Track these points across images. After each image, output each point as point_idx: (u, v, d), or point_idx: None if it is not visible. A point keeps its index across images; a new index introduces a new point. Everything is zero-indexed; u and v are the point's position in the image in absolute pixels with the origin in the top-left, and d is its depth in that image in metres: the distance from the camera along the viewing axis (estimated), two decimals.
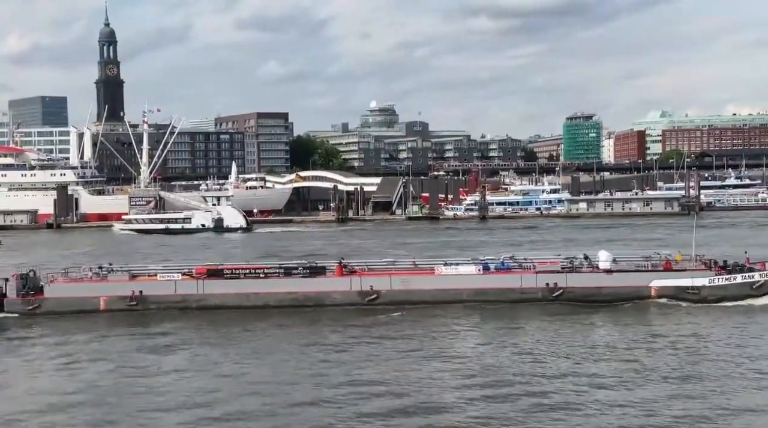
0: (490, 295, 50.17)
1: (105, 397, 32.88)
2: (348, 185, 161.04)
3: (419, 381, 33.48)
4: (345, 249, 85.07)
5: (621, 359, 36.53)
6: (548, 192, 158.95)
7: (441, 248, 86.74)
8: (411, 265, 54.90)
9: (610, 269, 50.96)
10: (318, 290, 51.34)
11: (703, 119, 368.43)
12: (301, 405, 30.87)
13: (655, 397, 30.72)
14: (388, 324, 45.64)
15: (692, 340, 40.36)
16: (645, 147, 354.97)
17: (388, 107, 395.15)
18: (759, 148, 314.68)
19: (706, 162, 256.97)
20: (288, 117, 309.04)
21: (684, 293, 49.45)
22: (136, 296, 51.01)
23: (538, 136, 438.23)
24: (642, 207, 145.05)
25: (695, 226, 57.75)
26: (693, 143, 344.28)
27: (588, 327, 44.39)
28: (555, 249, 75.78)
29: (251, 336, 44.00)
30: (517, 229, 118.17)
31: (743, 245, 65.89)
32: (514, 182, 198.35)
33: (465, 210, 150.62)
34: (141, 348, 41.74)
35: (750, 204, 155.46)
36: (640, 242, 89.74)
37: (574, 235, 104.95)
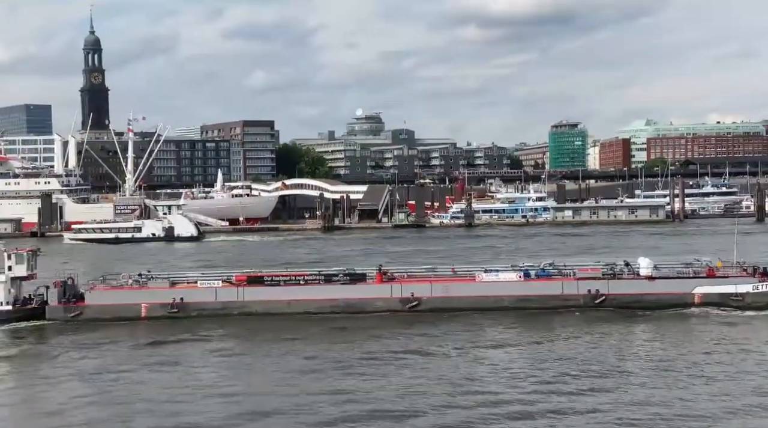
0: (532, 302, 50.15)
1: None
2: (334, 193, 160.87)
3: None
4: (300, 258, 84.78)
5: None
6: (534, 200, 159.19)
7: (426, 255, 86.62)
8: (450, 272, 54.73)
9: (652, 276, 50.90)
10: (359, 297, 51.39)
11: (687, 127, 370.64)
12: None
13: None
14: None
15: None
16: (630, 155, 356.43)
17: (374, 115, 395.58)
18: (742, 156, 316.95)
19: (691, 170, 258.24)
20: (274, 125, 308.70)
21: (728, 300, 49.32)
22: (177, 303, 51.11)
23: (524, 144, 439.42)
24: (627, 215, 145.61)
25: (736, 233, 57.21)
26: (677, 151, 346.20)
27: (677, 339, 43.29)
28: (543, 257, 75.90)
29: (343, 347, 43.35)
30: (503, 237, 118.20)
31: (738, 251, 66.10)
32: (500, 190, 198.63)
33: (451, 218, 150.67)
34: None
35: (734, 212, 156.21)
36: (631, 249, 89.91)
37: (559, 242, 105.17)
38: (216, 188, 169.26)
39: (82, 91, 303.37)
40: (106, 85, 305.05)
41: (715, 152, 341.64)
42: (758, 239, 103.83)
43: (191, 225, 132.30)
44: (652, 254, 75.75)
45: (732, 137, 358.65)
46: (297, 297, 51.39)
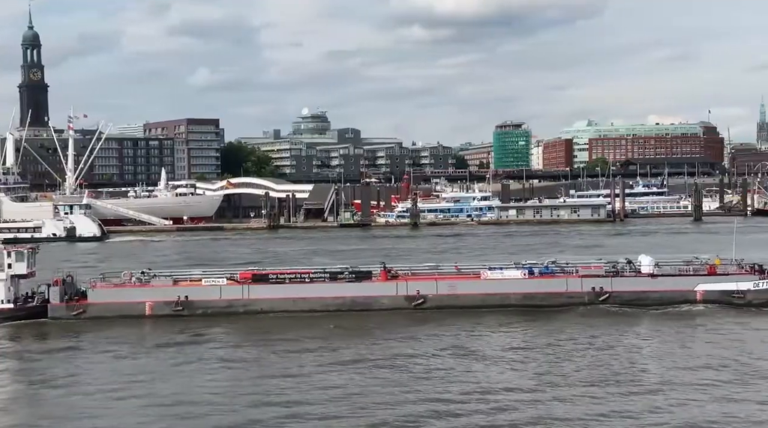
0: (537, 299, 50.54)
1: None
2: (280, 192, 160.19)
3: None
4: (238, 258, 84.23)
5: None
6: (479, 199, 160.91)
7: (372, 254, 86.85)
8: (454, 270, 54.82)
9: (655, 274, 51.49)
10: (365, 295, 51.33)
11: (628, 128, 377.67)
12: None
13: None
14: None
15: None
16: (572, 155, 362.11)
17: (320, 114, 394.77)
18: (680, 156, 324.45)
19: (631, 170, 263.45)
20: (219, 124, 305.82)
21: (729, 298, 50.00)
22: (182, 301, 50.70)
23: (469, 144, 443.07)
24: (570, 214, 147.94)
25: (735, 231, 57.61)
26: (618, 152, 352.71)
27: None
28: (489, 257, 76.76)
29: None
30: (448, 236, 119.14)
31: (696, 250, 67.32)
32: (445, 190, 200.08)
33: (397, 217, 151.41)
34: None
35: (672, 211, 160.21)
36: (575, 248, 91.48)
37: (503, 241, 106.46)
38: (159, 187, 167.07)
39: (21, 88, 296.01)
40: (45, 81, 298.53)
41: (655, 152, 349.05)
42: (696, 238, 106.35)
43: (94, 225, 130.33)
44: (595, 252, 77.60)
45: (670, 138, 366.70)
46: (302, 295, 51.26)
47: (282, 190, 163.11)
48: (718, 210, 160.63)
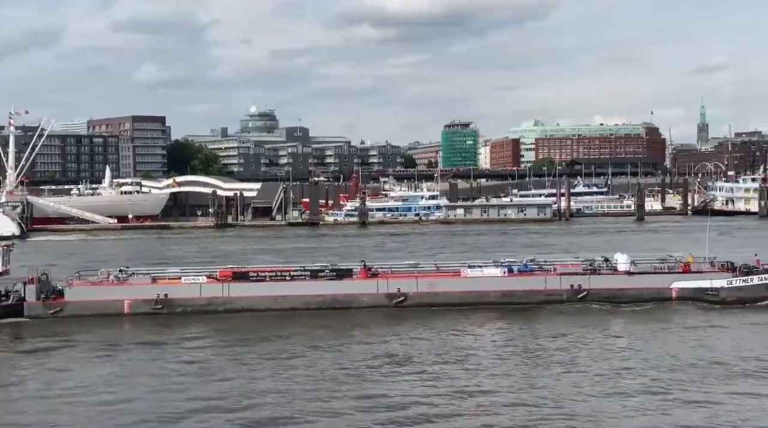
0: (517, 297, 50.75)
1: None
2: (227, 191, 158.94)
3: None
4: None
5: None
6: (427, 198, 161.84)
7: (321, 253, 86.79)
8: (433, 268, 54.84)
9: (631, 271, 52.01)
10: (346, 293, 51.12)
11: (573, 128, 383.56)
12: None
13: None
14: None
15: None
16: (519, 155, 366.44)
17: (268, 112, 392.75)
18: (624, 157, 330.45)
19: (576, 170, 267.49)
20: (165, 121, 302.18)
21: (704, 295, 50.59)
22: (161, 299, 50.02)
23: (418, 143, 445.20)
24: (516, 213, 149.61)
25: (708, 229, 58.50)
26: (564, 152, 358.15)
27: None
28: (438, 255, 77.16)
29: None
30: (396, 235, 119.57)
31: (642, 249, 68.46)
32: (393, 189, 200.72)
33: (345, 216, 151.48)
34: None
35: (616, 211, 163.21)
36: (523, 247, 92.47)
37: (451, 241, 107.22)
38: (104, 185, 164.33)
39: None
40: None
41: (599, 152, 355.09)
42: (642, 237, 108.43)
43: (12, 223, 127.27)
44: (542, 251, 78.64)
45: (614, 139, 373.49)
46: (283, 293, 50.89)
47: (230, 188, 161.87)
48: (673, 208, 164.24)
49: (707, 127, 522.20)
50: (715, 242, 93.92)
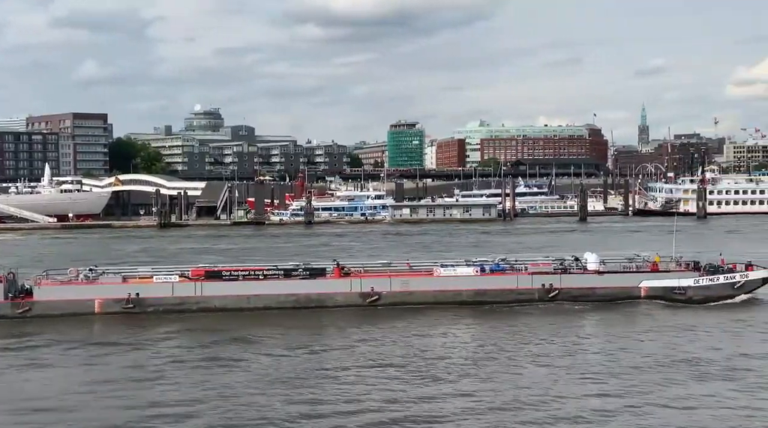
0: (489, 296, 51.03)
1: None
2: (171, 190, 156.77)
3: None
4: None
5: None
6: (373, 198, 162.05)
7: (265, 253, 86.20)
8: (406, 267, 54.92)
9: (601, 271, 52.56)
10: (320, 292, 50.95)
11: (518, 129, 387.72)
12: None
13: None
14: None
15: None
16: (465, 155, 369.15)
17: (213, 110, 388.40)
18: (567, 157, 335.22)
19: (521, 170, 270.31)
20: (107, 118, 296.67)
21: (672, 294, 51.41)
22: (133, 298, 49.38)
23: (364, 143, 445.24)
24: (462, 213, 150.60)
25: (675, 230, 59.07)
26: (509, 152, 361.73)
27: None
28: (385, 255, 77.20)
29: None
30: (341, 235, 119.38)
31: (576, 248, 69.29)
32: (339, 188, 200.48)
33: (291, 215, 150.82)
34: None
35: (560, 211, 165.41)
36: (469, 247, 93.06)
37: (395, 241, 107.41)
38: (43, 183, 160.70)
39: None
40: None
41: (543, 153, 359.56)
42: (585, 237, 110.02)
43: None
44: (485, 251, 79.27)
45: (558, 140, 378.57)
46: (257, 292, 50.61)
47: (173, 187, 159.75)
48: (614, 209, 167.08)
49: (648, 129, 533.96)
50: (655, 241, 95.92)
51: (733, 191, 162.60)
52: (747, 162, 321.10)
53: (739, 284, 51.77)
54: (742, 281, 51.86)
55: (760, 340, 41.33)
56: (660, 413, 29.33)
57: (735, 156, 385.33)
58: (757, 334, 43.06)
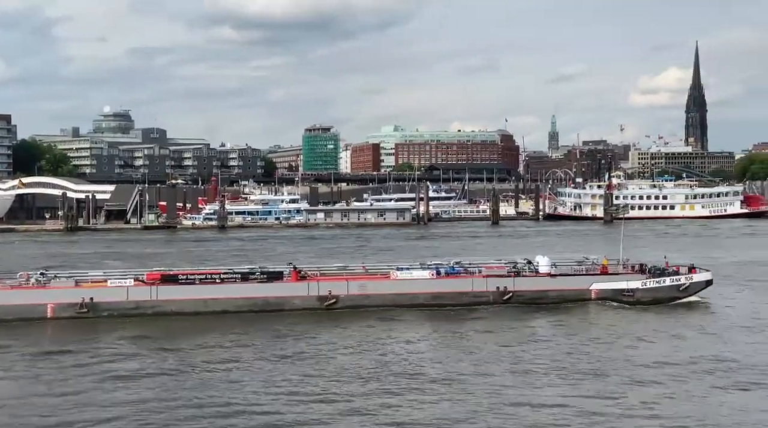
0: (445, 298, 51.19)
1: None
2: (78, 193, 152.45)
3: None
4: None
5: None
6: (287, 202, 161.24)
7: (177, 257, 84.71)
8: (362, 270, 54.78)
9: (553, 273, 53.14)
10: (277, 296, 50.43)
11: (432, 134, 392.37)
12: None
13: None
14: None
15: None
16: (380, 159, 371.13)
17: (123, 112, 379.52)
18: (480, 162, 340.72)
19: (435, 175, 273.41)
20: (11, 119, 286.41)
21: (621, 296, 52.29)
22: (87, 303, 48.05)
23: (279, 146, 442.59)
24: (376, 218, 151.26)
25: (622, 234, 59.90)
26: (423, 157, 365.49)
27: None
28: (301, 259, 76.86)
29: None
30: (254, 239, 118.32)
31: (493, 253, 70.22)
32: (253, 192, 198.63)
33: (204, 219, 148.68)
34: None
35: (473, 215, 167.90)
36: (386, 251, 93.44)
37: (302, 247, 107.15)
38: None
39: None
40: None
41: (457, 158, 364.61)
42: (498, 241, 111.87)
43: None
44: (405, 256, 79.86)
45: (471, 145, 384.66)
46: (214, 296, 49.89)
47: (81, 190, 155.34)
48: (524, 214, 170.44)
49: (557, 135, 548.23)
50: (565, 244, 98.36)
51: (637, 196, 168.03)
52: (651, 168, 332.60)
53: (685, 287, 53.15)
54: (687, 284, 53.26)
55: (710, 342, 42.32)
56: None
57: (639, 162, 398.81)
58: (710, 335, 44.06)
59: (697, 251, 71.92)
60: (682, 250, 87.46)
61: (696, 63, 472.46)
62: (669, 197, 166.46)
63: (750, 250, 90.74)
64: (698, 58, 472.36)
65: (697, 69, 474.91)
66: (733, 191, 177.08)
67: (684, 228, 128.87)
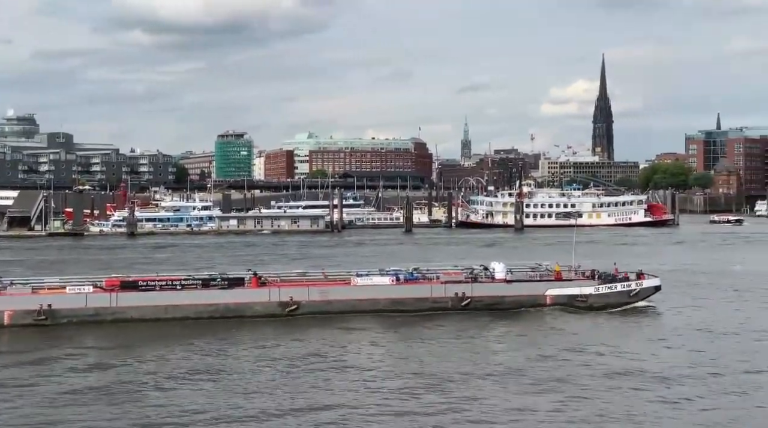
0: (405, 305, 51.39)
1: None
2: None
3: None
4: None
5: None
6: (199, 209, 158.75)
7: (85, 265, 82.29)
8: (322, 276, 54.54)
9: (509, 279, 53.61)
10: (238, 302, 49.88)
11: (346, 141, 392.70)
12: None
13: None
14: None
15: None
16: (294, 166, 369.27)
17: (27, 116, 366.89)
18: (394, 170, 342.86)
19: (349, 182, 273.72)
20: None
21: (574, 301, 53.08)
22: (45, 310, 47.12)
23: (191, 152, 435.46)
24: (290, 225, 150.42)
25: (574, 242, 60.81)
26: (337, 164, 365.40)
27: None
28: (215, 266, 75.72)
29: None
30: (165, 247, 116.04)
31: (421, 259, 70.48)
32: (164, 198, 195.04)
33: (112, 226, 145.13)
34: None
35: (386, 223, 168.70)
36: (301, 259, 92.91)
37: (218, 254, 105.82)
38: None
39: None
40: None
41: (371, 166, 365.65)
42: (411, 248, 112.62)
43: None
44: (320, 263, 79.59)
45: (385, 153, 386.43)
46: (174, 303, 49.12)
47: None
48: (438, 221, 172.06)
49: (470, 143, 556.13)
50: (477, 251, 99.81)
51: (547, 204, 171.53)
52: (560, 177, 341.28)
53: (635, 292, 54.63)
54: (637, 290, 54.77)
55: (665, 346, 43.48)
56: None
57: (549, 171, 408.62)
58: (658, 340, 45.18)
59: (620, 259, 73.71)
60: (601, 257, 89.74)
61: (603, 75, 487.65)
62: (577, 206, 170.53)
63: (672, 256, 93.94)
64: (605, 71, 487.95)
65: (604, 81, 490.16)
66: (637, 200, 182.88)
67: (591, 236, 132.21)
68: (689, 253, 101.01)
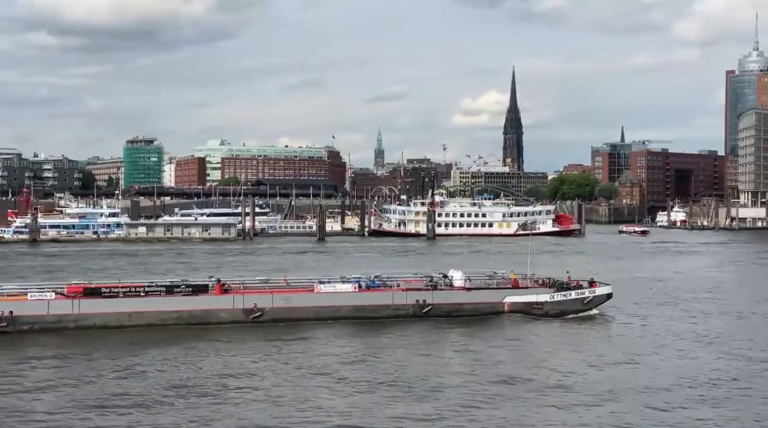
0: (367, 311, 51.75)
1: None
2: None
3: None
4: None
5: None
6: (107, 216, 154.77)
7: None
8: (284, 283, 54.63)
9: (468, 287, 54.53)
10: (203, 309, 49.51)
11: (259, 149, 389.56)
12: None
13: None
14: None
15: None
16: (205, 173, 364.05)
17: None
18: (308, 178, 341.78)
19: (262, 190, 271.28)
20: None
21: (531, 308, 54.16)
22: (6, 317, 46.69)
23: (98, 158, 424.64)
24: (201, 232, 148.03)
25: (529, 251, 61.61)
26: (250, 172, 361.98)
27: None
28: (123, 275, 73.84)
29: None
30: (68, 254, 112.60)
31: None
32: (70, 205, 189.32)
33: (14, 233, 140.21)
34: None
35: (299, 231, 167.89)
36: (211, 268, 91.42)
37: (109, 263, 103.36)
38: None
39: None
40: None
41: (284, 173, 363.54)
42: (324, 256, 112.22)
43: None
44: (230, 270, 78.47)
45: (299, 160, 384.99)
46: (138, 309, 48.70)
47: None
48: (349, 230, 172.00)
49: (383, 153, 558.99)
50: (388, 260, 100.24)
51: (459, 214, 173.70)
52: (471, 187, 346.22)
53: (588, 300, 56.11)
54: (590, 297, 56.25)
55: (622, 352, 44.33)
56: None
57: (461, 181, 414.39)
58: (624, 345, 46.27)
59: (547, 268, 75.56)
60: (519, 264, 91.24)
61: (513, 87, 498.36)
62: (488, 215, 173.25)
63: (587, 265, 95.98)
64: (515, 83, 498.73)
65: (514, 93, 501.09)
66: (545, 210, 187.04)
67: (500, 245, 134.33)
68: (604, 262, 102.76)
